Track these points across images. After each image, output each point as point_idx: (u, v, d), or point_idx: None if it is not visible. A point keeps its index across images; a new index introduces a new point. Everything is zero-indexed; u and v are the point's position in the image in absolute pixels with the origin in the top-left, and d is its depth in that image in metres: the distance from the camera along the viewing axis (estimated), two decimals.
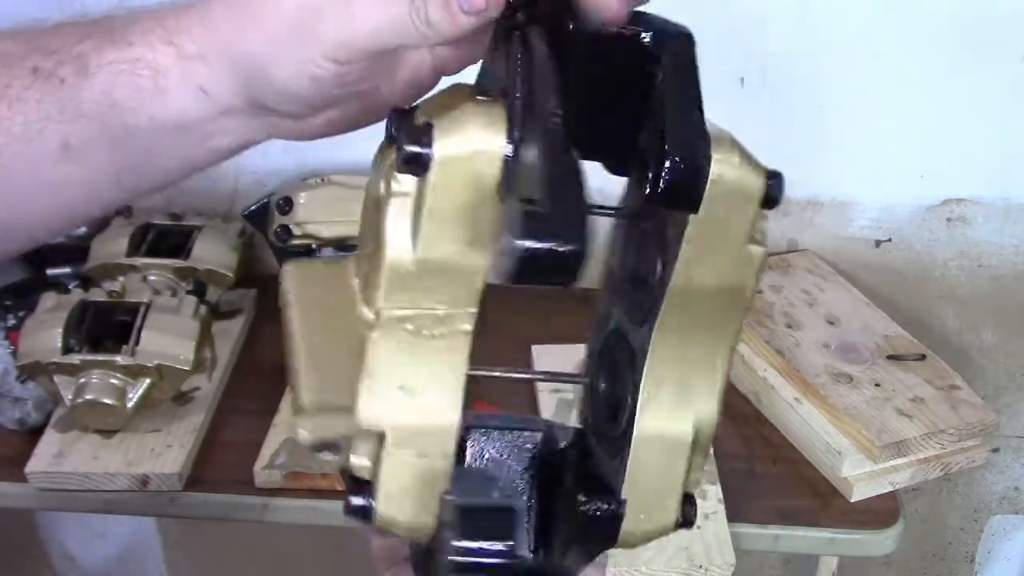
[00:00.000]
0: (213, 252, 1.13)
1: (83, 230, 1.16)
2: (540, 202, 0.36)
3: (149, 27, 0.51)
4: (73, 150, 0.52)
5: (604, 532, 0.46)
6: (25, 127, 0.51)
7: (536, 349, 1.10)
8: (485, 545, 0.41)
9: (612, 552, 0.78)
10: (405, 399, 0.41)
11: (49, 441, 0.98)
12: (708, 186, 0.39)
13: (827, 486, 0.97)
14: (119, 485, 0.96)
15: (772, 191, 0.40)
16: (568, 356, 1.14)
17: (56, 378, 0.96)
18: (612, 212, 0.45)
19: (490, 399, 0.61)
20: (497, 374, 0.47)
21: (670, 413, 0.44)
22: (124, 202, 0.57)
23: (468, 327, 0.42)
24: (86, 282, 1.11)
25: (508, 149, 0.39)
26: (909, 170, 1.19)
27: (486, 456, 0.47)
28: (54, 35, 0.53)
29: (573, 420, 0.49)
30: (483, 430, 0.47)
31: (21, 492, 0.97)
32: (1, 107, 0.52)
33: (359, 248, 0.48)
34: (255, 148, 0.63)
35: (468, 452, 0.46)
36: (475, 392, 0.52)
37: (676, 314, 0.41)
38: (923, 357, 1.05)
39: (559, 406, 1.04)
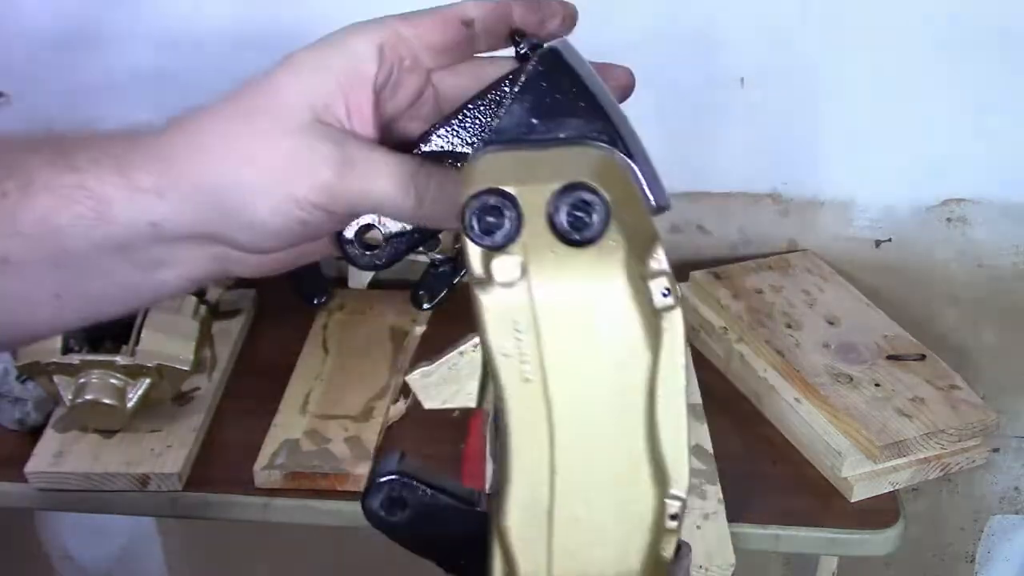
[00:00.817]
0: None
1: None
2: None
3: (96, 156, 0.49)
4: (11, 264, 0.50)
5: None
6: None
7: None
8: None
9: None
10: None
11: (49, 441, 0.98)
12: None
13: (827, 486, 0.97)
14: (119, 485, 0.96)
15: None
16: None
17: (56, 378, 0.96)
18: None
19: None
20: None
21: None
22: (72, 323, 0.55)
23: None
24: None
25: None
26: (909, 170, 1.19)
27: None
28: (8, 147, 0.51)
29: None
30: None
31: (21, 492, 0.97)
32: None
33: None
34: None
35: None
36: None
37: None
38: (923, 357, 1.05)
39: None
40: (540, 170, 0.40)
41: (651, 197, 0.42)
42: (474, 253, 0.40)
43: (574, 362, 0.41)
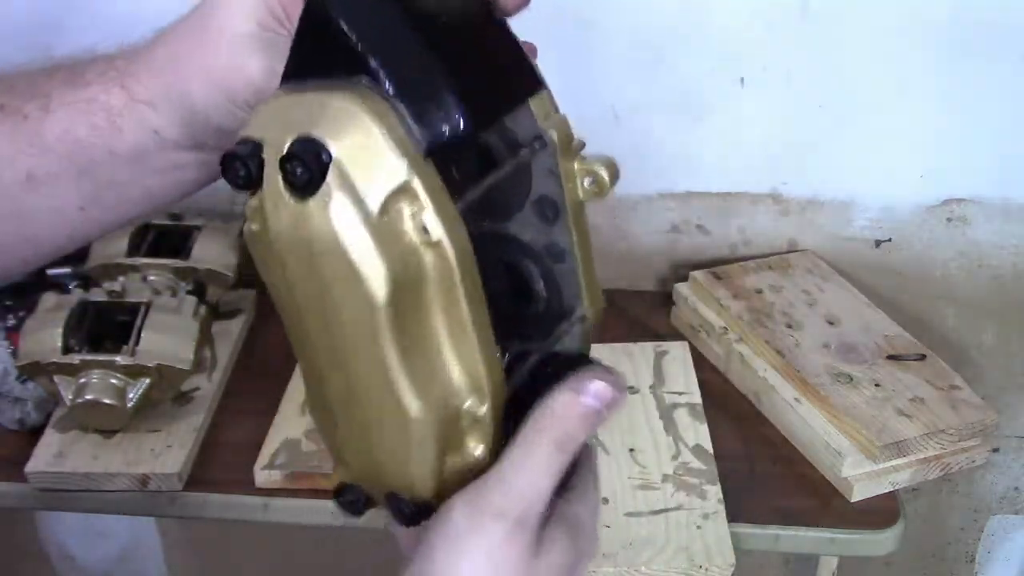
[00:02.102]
0: (213, 252, 1.13)
1: None
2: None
3: (104, 68, 0.54)
4: (38, 181, 0.55)
5: None
6: None
7: None
8: None
9: (611, 551, 0.79)
10: None
11: (49, 441, 0.98)
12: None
13: (827, 486, 0.97)
14: (119, 485, 0.96)
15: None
16: None
17: (56, 378, 0.96)
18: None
19: None
20: None
21: None
22: (92, 234, 0.59)
23: None
24: (86, 282, 1.11)
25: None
26: (909, 170, 1.19)
27: None
28: (22, 76, 0.56)
29: None
30: None
31: (21, 492, 0.97)
32: None
33: None
34: None
35: None
36: None
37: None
38: (923, 357, 1.05)
39: None
40: (288, 118, 0.42)
41: (417, 135, 0.42)
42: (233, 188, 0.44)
43: (318, 301, 0.43)
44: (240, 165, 0.42)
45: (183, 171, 0.56)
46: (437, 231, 0.42)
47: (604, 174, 0.47)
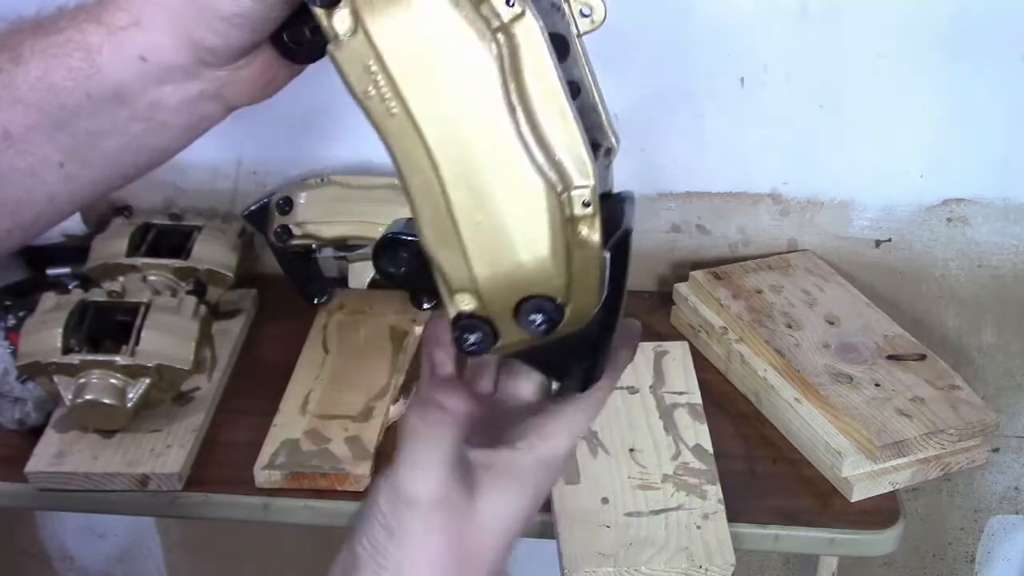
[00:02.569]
0: (213, 252, 1.13)
1: (83, 230, 1.16)
2: None
3: (75, 13, 0.54)
4: (13, 138, 0.53)
5: None
6: None
7: None
8: None
9: (611, 551, 0.79)
10: None
11: (49, 441, 0.98)
12: None
13: (827, 486, 0.97)
14: (119, 485, 0.96)
15: None
16: None
17: (56, 378, 0.96)
18: None
19: None
20: None
21: None
22: (74, 198, 0.57)
23: None
24: (86, 282, 1.11)
25: None
26: (909, 170, 1.19)
27: None
28: None
29: None
30: None
31: (21, 492, 0.97)
32: None
33: None
34: (255, 146, 0.63)
35: None
36: None
37: None
38: (923, 357, 1.05)
39: None
40: None
41: None
42: (319, 16, 0.47)
43: (428, 89, 0.47)
44: None
45: (166, 112, 0.55)
46: (519, 5, 0.46)
47: (597, 3, 0.53)
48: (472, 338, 0.51)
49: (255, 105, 0.59)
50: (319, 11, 0.46)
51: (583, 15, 0.52)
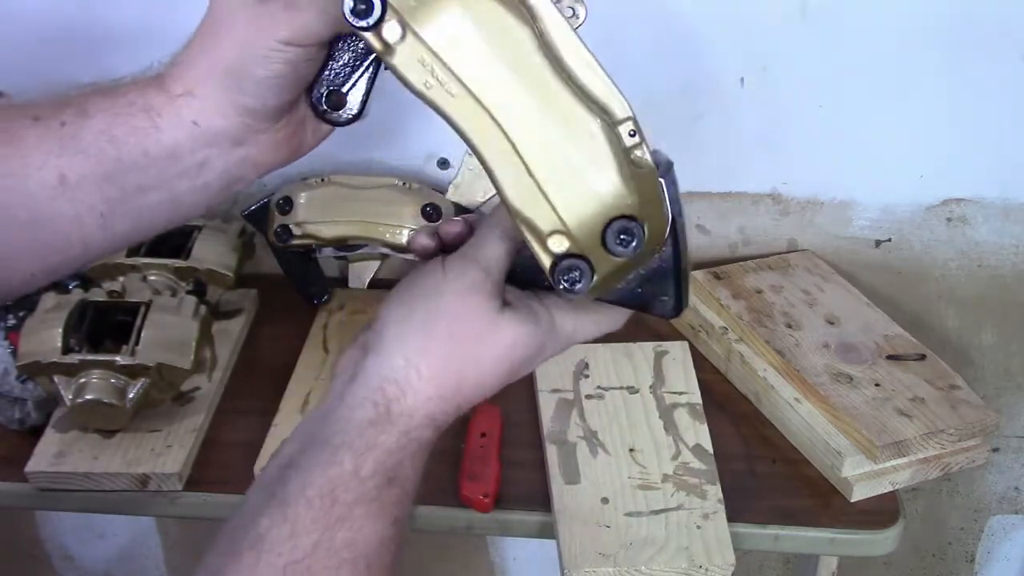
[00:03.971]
0: (213, 252, 1.13)
1: None
2: None
3: (139, 80, 0.61)
4: (67, 185, 0.58)
5: None
6: (23, 162, 0.58)
7: None
8: None
9: (611, 552, 0.80)
10: None
11: (49, 441, 0.98)
12: None
13: (827, 486, 0.97)
14: (119, 485, 0.96)
15: None
16: (568, 356, 1.15)
17: (56, 378, 0.96)
18: None
19: (490, 401, 0.61)
20: None
21: None
22: (104, 248, 0.62)
23: None
24: (86, 282, 1.11)
25: None
26: (909, 170, 1.19)
27: None
28: (53, 96, 0.61)
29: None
30: None
31: (21, 492, 0.97)
32: (0, 146, 0.58)
33: None
34: None
35: None
36: None
37: None
38: (923, 357, 1.05)
39: (559, 406, 1.04)
40: None
41: None
42: (369, 38, 0.55)
43: (476, 63, 0.55)
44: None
45: (211, 172, 0.61)
46: None
47: (580, 6, 0.61)
48: (572, 275, 0.58)
49: None
50: (368, 34, 0.54)
51: (569, 15, 0.60)
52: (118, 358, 0.96)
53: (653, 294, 0.61)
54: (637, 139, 0.57)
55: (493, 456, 0.97)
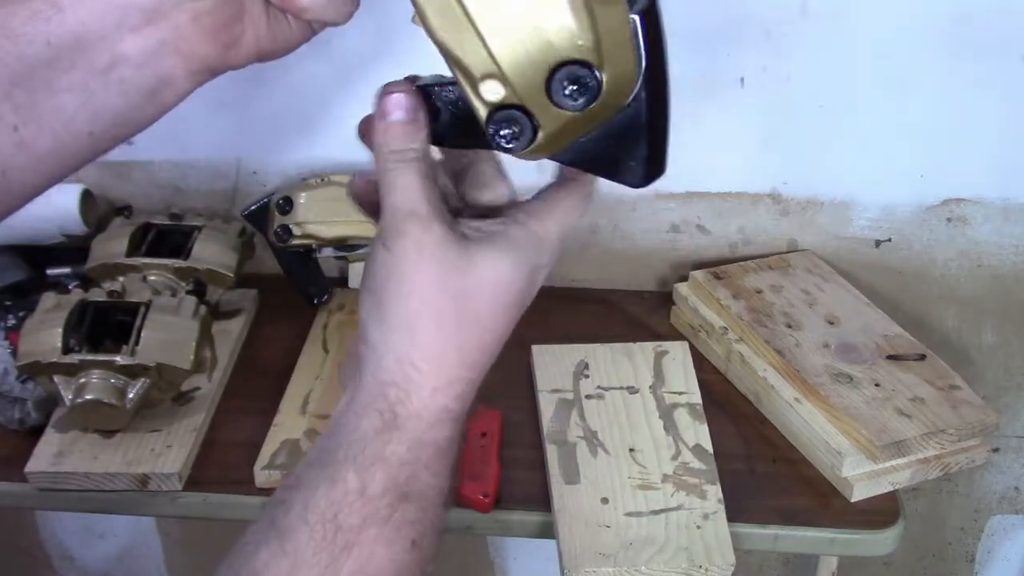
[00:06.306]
0: (213, 252, 1.13)
1: (83, 230, 1.16)
2: None
3: None
4: None
5: None
6: None
7: (536, 349, 1.10)
8: None
9: (611, 552, 0.80)
10: None
11: (49, 441, 0.98)
12: None
13: (827, 486, 0.97)
14: (119, 485, 0.96)
15: None
16: (568, 356, 1.15)
17: (56, 378, 0.96)
18: None
19: (490, 401, 0.61)
20: None
21: None
22: (27, 180, 0.54)
23: None
24: (86, 282, 1.11)
25: None
26: (909, 170, 1.19)
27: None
28: None
29: None
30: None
31: (21, 492, 0.97)
32: None
33: None
34: (255, 146, 0.61)
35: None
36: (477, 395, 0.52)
37: None
38: (923, 357, 1.05)
39: (559, 406, 1.04)
40: None
41: None
42: None
43: None
44: None
45: (126, 67, 0.53)
46: None
47: None
48: (511, 130, 0.48)
49: (255, 105, 0.57)
50: None
51: None
52: (118, 358, 0.96)
53: (617, 157, 0.50)
54: None
55: (493, 456, 0.97)
